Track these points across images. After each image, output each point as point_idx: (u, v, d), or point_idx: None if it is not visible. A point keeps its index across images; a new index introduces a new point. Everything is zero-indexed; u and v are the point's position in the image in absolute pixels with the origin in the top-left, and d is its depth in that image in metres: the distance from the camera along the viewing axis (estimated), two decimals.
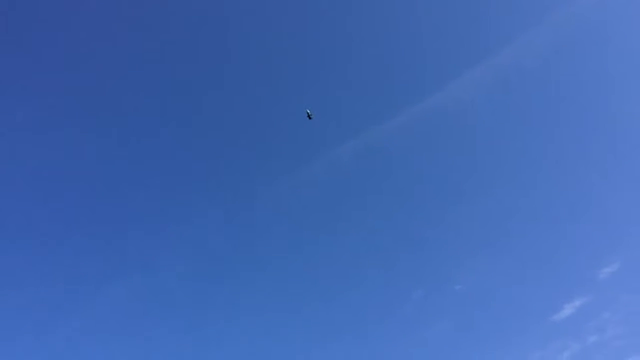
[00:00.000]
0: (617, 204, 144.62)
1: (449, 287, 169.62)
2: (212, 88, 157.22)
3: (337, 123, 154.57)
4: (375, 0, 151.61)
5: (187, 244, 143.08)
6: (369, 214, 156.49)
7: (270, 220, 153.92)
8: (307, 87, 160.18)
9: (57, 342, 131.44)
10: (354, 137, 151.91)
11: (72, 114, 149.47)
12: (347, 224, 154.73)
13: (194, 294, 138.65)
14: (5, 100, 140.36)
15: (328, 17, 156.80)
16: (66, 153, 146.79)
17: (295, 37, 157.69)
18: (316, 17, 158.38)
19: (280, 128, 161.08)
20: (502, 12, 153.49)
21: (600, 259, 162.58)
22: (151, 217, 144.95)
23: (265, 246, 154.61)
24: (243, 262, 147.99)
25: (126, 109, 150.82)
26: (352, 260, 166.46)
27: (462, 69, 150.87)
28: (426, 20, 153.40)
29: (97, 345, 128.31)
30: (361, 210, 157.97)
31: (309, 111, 29.48)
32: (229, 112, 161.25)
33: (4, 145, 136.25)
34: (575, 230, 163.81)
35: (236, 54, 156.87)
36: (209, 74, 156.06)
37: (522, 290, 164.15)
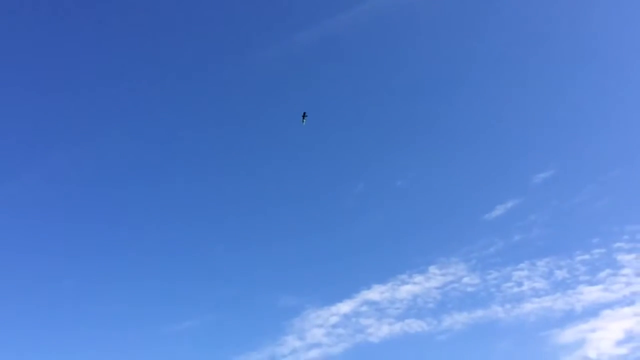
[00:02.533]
0: (557, 113, 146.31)
1: (390, 182, 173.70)
2: None
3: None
4: None
5: None
6: (315, 104, 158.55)
7: (218, 102, 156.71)
8: None
9: None
10: (309, 26, 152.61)
11: None
12: (291, 113, 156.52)
13: None
14: None
15: None
16: None
17: None
18: None
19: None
20: None
21: (536, 164, 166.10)
22: None
23: (211, 133, 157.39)
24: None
25: None
26: (296, 152, 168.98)
27: None
28: None
29: None
30: (308, 100, 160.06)
31: (304, 116, 29.41)
32: None
33: None
34: (514, 135, 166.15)
35: None
36: None
37: (459, 189, 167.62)
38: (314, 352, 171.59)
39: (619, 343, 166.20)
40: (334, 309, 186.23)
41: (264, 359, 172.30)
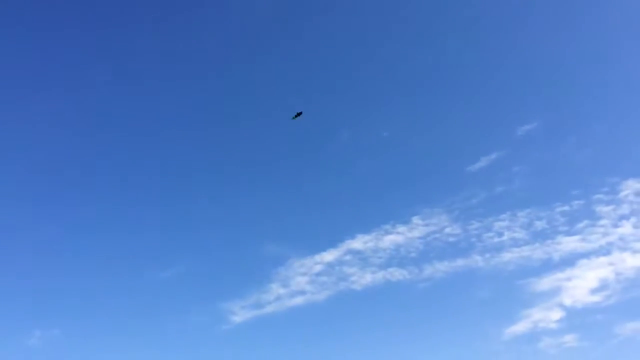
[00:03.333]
0: (542, 66, 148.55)
1: (376, 132, 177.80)
2: None
3: None
4: None
5: None
6: (303, 53, 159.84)
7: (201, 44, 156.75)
8: None
9: None
10: None
11: None
12: (278, 63, 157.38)
13: None
14: None
15: None
16: None
17: None
18: None
19: None
20: None
21: (520, 116, 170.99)
22: None
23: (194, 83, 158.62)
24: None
25: None
26: (280, 100, 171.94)
27: None
28: None
29: None
30: (296, 49, 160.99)
31: (297, 114, 29.11)
32: None
33: None
34: (500, 88, 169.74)
35: None
36: None
37: (444, 140, 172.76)
38: (298, 299, 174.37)
39: (593, 291, 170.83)
40: (318, 257, 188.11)
41: (250, 305, 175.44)
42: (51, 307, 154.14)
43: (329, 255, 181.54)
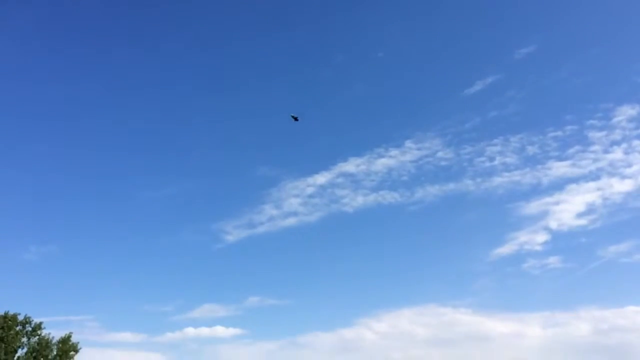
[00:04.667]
0: None
1: (371, 53, 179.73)
2: None
3: None
4: None
5: None
6: None
7: None
8: None
9: None
10: None
11: None
12: None
13: None
14: None
15: None
16: None
17: None
18: None
19: None
20: None
21: (519, 39, 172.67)
22: None
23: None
24: None
25: None
26: (275, 21, 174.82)
27: None
28: None
29: None
30: None
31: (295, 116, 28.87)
32: None
33: None
34: (499, 10, 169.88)
35: None
36: None
37: (440, 63, 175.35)
38: (291, 220, 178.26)
39: (580, 215, 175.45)
40: (310, 180, 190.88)
41: (243, 225, 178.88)
42: (48, 223, 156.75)
43: (321, 178, 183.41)
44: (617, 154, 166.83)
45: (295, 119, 29.45)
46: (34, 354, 63.45)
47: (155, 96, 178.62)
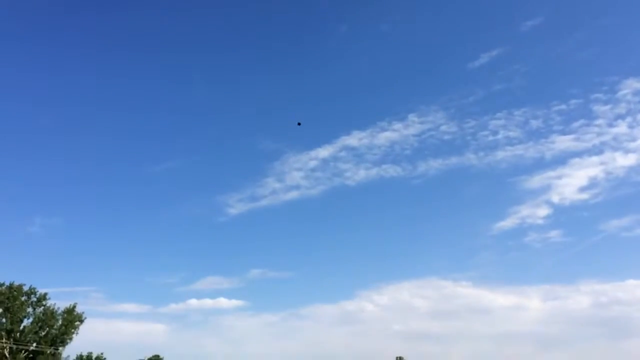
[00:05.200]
0: None
1: (374, 25, 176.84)
2: None
3: None
4: None
5: None
6: None
7: None
8: None
9: None
10: None
11: None
12: None
13: None
14: None
15: None
16: None
17: None
18: None
19: None
20: None
21: (526, 11, 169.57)
22: None
23: None
24: None
25: None
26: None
27: None
28: None
29: None
30: None
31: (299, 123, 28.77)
32: None
33: None
34: None
35: None
36: None
37: (445, 35, 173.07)
38: (293, 194, 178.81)
39: (582, 189, 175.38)
40: (313, 153, 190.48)
41: (245, 198, 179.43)
42: (52, 196, 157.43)
43: (324, 151, 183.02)
44: (622, 128, 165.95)
45: (298, 124, 29.25)
46: (39, 324, 64.38)
47: (157, 67, 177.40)
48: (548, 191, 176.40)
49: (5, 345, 60.49)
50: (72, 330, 66.68)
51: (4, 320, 61.41)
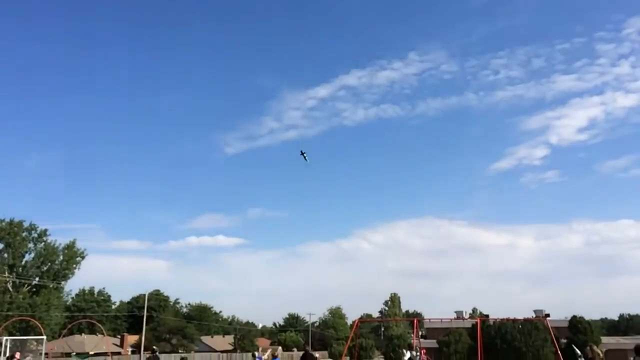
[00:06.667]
0: None
1: None
2: None
3: None
4: None
5: None
6: None
7: None
8: None
9: None
10: None
11: None
12: None
13: None
14: None
15: None
16: None
17: None
18: None
19: None
20: None
21: None
22: None
23: None
24: None
25: None
26: None
27: None
28: None
29: None
30: None
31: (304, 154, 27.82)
32: None
33: None
34: None
35: None
36: None
37: None
38: (291, 134, 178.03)
39: (581, 130, 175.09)
40: (311, 92, 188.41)
41: (243, 137, 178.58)
42: (50, 130, 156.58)
43: (322, 90, 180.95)
44: (624, 67, 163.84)
45: (302, 153, 28.61)
46: (41, 259, 65.26)
47: (156, 5, 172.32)
48: (546, 132, 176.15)
49: (8, 279, 61.58)
50: (74, 265, 67.68)
51: (5, 255, 62.17)
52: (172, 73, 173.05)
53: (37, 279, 64.69)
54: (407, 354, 21.76)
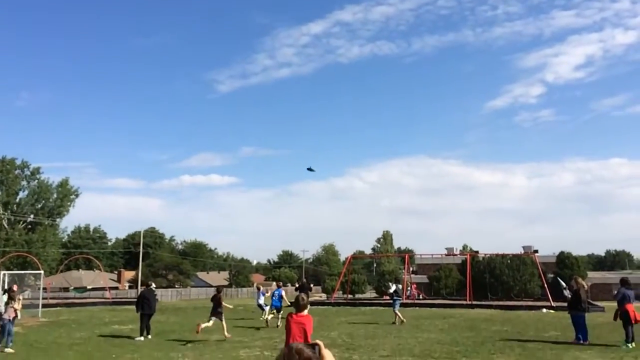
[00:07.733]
0: None
1: None
2: None
3: None
4: None
5: None
6: None
7: None
8: None
9: None
10: None
11: None
12: None
13: None
14: None
15: None
16: None
17: None
18: None
19: None
20: None
21: None
22: None
23: None
24: None
25: None
26: None
27: None
28: None
29: None
30: None
31: (312, 169, 26.45)
32: None
33: None
34: None
35: None
36: None
37: None
38: (284, 71, 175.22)
39: (578, 67, 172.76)
40: (304, 28, 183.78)
41: (236, 75, 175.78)
42: (40, 69, 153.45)
43: (316, 27, 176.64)
44: (624, 3, 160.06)
45: (311, 170, 27.80)
46: (35, 196, 65.48)
47: None
48: (543, 69, 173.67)
49: (3, 216, 61.95)
50: (68, 203, 68.06)
51: None
52: (164, 10, 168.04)
53: (32, 216, 65.11)
54: (393, 287, 22.31)
